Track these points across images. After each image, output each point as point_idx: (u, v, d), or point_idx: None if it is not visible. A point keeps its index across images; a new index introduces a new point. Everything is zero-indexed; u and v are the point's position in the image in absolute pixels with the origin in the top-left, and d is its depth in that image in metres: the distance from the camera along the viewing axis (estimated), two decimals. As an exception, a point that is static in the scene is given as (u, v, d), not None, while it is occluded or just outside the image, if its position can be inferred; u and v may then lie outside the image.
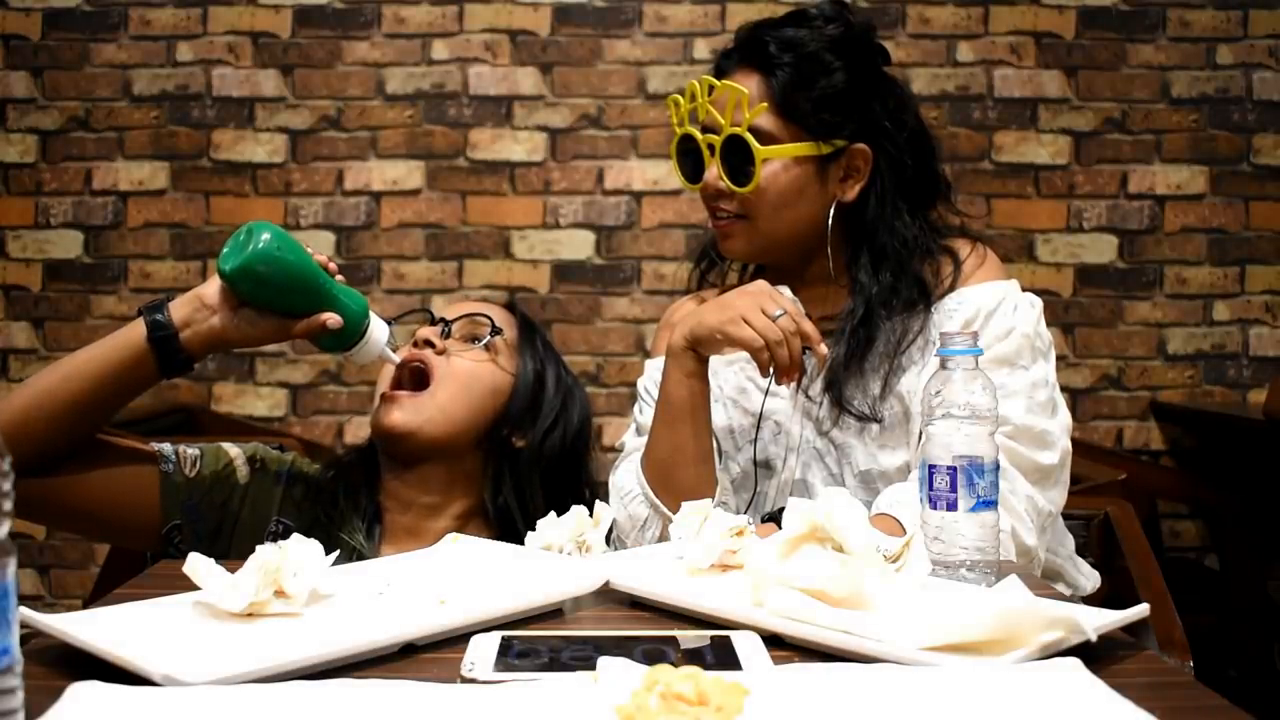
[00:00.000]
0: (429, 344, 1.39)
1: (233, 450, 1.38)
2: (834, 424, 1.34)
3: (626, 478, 1.36)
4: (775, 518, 1.25)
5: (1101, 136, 3.13)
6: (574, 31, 3.13)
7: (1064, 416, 1.31)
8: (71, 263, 3.12)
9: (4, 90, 3.10)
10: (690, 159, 1.40)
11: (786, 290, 1.36)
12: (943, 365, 1.01)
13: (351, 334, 1.24)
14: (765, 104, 1.31)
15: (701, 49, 3.13)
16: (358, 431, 3.13)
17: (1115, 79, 3.13)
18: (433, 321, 1.43)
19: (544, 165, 3.13)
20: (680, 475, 1.29)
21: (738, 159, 1.33)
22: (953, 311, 1.33)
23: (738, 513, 1.32)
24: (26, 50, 3.11)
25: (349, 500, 1.37)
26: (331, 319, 1.21)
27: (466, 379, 1.38)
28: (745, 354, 1.32)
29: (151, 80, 3.11)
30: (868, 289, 1.34)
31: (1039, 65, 3.13)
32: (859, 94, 1.34)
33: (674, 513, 1.13)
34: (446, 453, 1.37)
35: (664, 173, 3.13)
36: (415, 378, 1.38)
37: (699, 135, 1.36)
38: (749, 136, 1.31)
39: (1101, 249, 3.14)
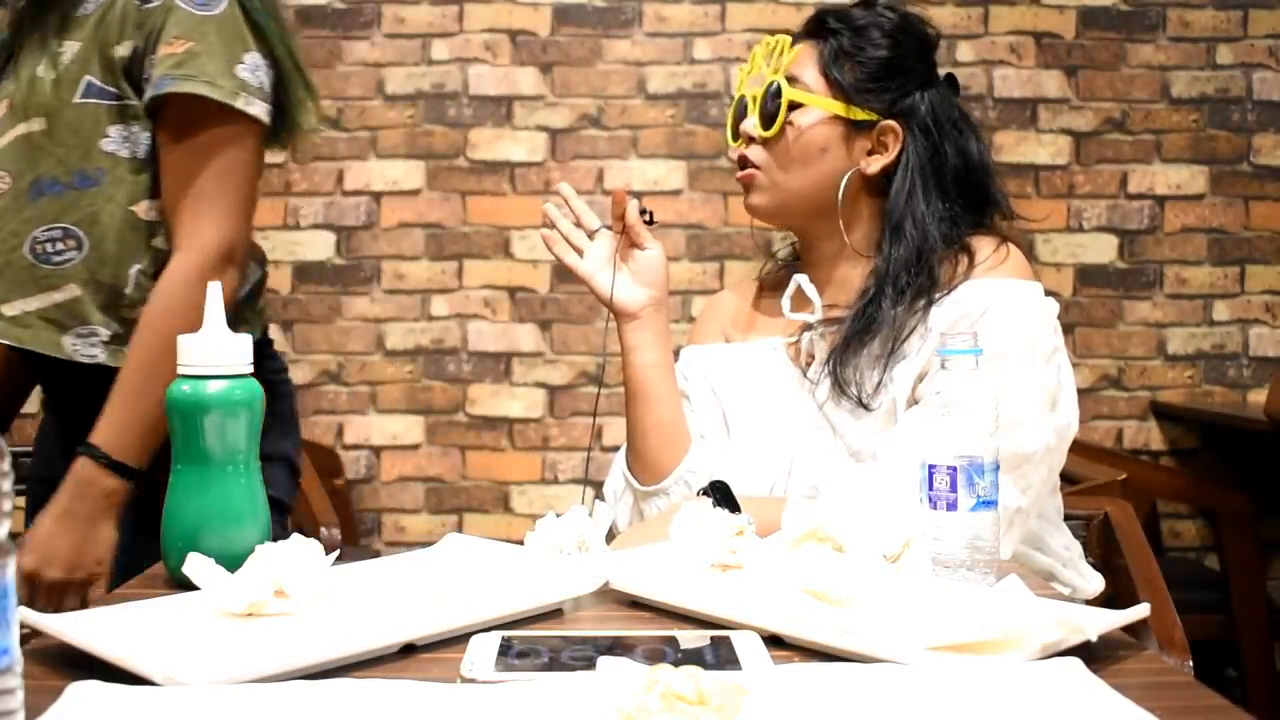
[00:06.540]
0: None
1: None
2: (829, 400, 1.34)
3: (617, 463, 1.44)
4: (715, 491, 1.25)
5: (1101, 136, 3.13)
6: (574, 31, 3.13)
7: (1061, 417, 1.29)
8: (71, 263, 3.11)
9: (4, 90, 3.10)
10: (736, 122, 1.44)
11: (808, 285, 1.37)
12: (943, 365, 1.00)
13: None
14: (811, 60, 1.37)
15: (701, 49, 3.13)
16: (358, 431, 3.13)
17: (1115, 79, 3.13)
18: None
19: (544, 165, 3.13)
20: (639, 446, 1.39)
21: (773, 106, 1.37)
22: (957, 302, 1.31)
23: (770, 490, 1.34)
24: (26, 50, 3.10)
25: None
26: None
27: None
28: (767, 341, 1.42)
29: (151, 80, 3.11)
30: (880, 270, 1.35)
31: (1039, 65, 3.13)
32: (900, 73, 1.38)
33: (641, 484, 1.36)
34: None
35: (664, 173, 3.13)
36: None
37: (749, 91, 1.41)
38: (783, 81, 1.36)
39: (1101, 249, 3.14)
